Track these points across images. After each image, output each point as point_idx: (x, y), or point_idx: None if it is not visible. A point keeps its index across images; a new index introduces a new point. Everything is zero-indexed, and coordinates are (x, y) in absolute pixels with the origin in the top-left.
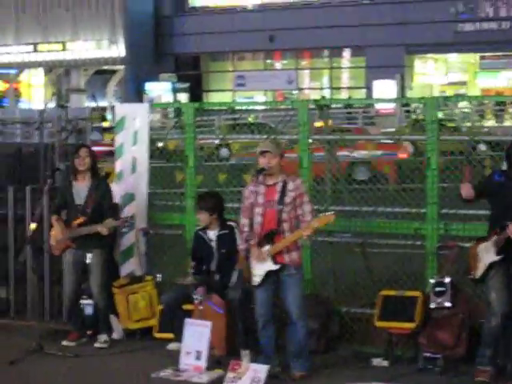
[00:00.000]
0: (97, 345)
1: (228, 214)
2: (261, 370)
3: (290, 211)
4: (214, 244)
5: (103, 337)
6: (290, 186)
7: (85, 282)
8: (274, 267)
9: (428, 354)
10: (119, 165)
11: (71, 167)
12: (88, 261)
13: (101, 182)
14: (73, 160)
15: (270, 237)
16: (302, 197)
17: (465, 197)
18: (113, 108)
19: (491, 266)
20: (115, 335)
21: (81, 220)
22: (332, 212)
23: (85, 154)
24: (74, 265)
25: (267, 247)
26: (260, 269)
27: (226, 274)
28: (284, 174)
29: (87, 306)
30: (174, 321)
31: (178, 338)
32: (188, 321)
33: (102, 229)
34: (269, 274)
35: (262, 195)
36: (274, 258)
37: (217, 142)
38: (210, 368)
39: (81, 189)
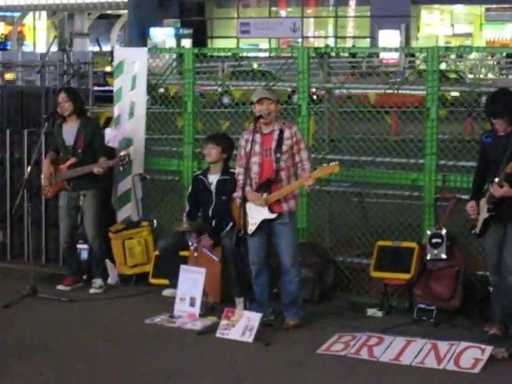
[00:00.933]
0: (91, 290)
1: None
2: (254, 317)
3: (287, 159)
4: (213, 188)
5: (98, 282)
6: (287, 133)
7: (81, 225)
8: (270, 216)
9: (423, 306)
10: (117, 109)
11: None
12: (81, 203)
13: (89, 122)
14: (56, 105)
15: (267, 185)
16: (298, 144)
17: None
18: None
19: (486, 222)
20: (110, 280)
21: (72, 161)
22: (336, 162)
23: (63, 99)
24: (69, 208)
25: (264, 195)
26: (255, 217)
27: (222, 221)
28: (280, 121)
29: (83, 250)
30: (169, 267)
31: (173, 284)
32: (183, 267)
33: (98, 169)
34: (263, 222)
35: (259, 144)
36: (271, 206)
37: (219, 89)
38: (203, 315)
39: (70, 131)
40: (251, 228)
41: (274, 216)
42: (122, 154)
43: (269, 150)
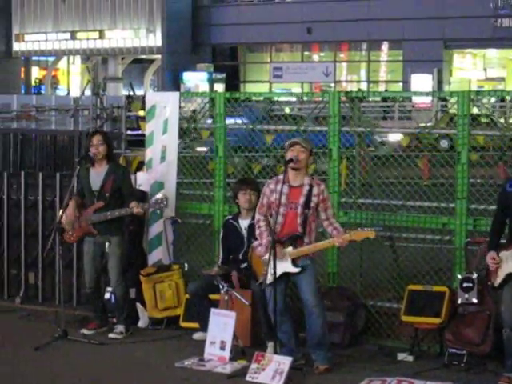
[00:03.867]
0: (111, 335)
1: None
2: (284, 361)
3: (311, 215)
4: (245, 233)
5: (119, 328)
6: (315, 190)
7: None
8: (294, 270)
9: (453, 350)
10: (149, 153)
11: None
12: (106, 249)
13: (118, 167)
14: (88, 148)
15: (293, 239)
16: (325, 202)
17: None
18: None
19: (509, 276)
20: (141, 323)
21: (99, 205)
22: (372, 229)
23: (98, 141)
24: (94, 253)
25: (289, 249)
26: (277, 267)
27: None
28: (309, 176)
29: (110, 293)
30: (199, 310)
31: (204, 327)
32: (213, 311)
33: (138, 210)
34: (283, 273)
35: (286, 195)
36: (294, 260)
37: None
38: (233, 358)
39: (97, 175)
40: (270, 278)
41: (297, 270)
42: (159, 197)
43: (294, 204)
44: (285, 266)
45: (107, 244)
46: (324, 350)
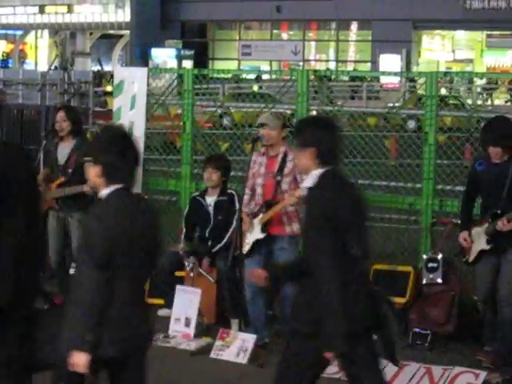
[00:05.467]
0: None
1: (230, 183)
2: (249, 339)
3: (290, 182)
4: (211, 210)
5: None
6: (290, 156)
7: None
8: (261, 236)
9: (417, 330)
10: None
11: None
12: (69, 225)
13: (83, 143)
14: (54, 123)
15: (266, 207)
16: None
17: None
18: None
19: (482, 252)
20: None
21: (61, 180)
22: None
23: (61, 118)
24: (57, 228)
25: (260, 216)
26: (249, 238)
27: (218, 242)
28: (286, 144)
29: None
30: (164, 287)
31: (169, 304)
32: (179, 287)
33: (88, 188)
34: (259, 244)
35: (264, 166)
36: (264, 227)
37: (219, 110)
38: (198, 335)
39: (64, 150)
40: (245, 248)
41: (263, 236)
42: None
43: (272, 173)
44: (255, 234)
45: (69, 219)
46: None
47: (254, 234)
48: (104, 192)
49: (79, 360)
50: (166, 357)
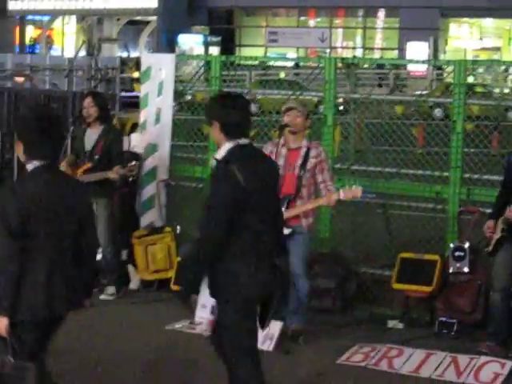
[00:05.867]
0: (102, 296)
1: None
2: (274, 326)
3: (309, 177)
4: None
5: (110, 289)
6: (313, 152)
7: None
8: (286, 231)
9: (444, 319)
10: (143, 115)
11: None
12: (94, 211)
13: (111, 129)
14: (82, 109)
15: (286, 201)
16: (322, 164)
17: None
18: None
19: (500, 242)
20: (132, 285)
21: (87, 166)
22: (359, 187)
23: (89, 103)
24: None
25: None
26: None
27: None
28: (307, 139)
29: (101, 255)
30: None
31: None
32: None
33: (113, 175)
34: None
35: (284, 157)
36: (287, 222)
37: (246, 97)
38: None
39: (91, 136)
40: None
41: (288, 232)
42: (132, 163)
43: (292, 166)
44: None
45: (94, 205)
46: (300, 313)
47: None
48: (27, 167)
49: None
50: (191, 343)
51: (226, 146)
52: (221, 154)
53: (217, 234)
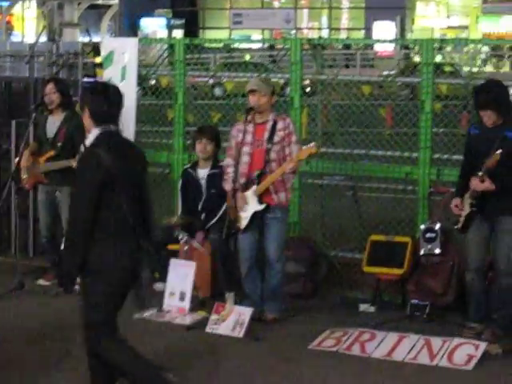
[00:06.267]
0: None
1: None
2: (245, 312)
3: (278, 151)
4: (203, 183)
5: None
6: (280, 124)
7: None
8: (260, 207)
9: (416, 301)
10: None
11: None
12: (58, 199)
13: (74, 116)
14: (43, 95)
15: (257, 177)
16: (290, 136)
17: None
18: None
19: (470, 217)
20: None
21: (50, 154)
22: (313, 143)
23: (50, 90)
24: (46, 202)
25: (253, 187)
26: (246, 210)
27: (211, 215)
28: (274, 112)
29: None
30: (159, 261)
31: (163, 278)
32: (173, 261)
33: (76, 163)
34: (255, 216)
35: (251, 134)
36: (260, 198)
37: (211, 81)
38: (193, 310)
39: (53, 123)
40: (243, 223)
41: (262, 207)
42: None
43: (260, 141)
44: (252, 207)
45: (58, 193)
46: (276, 301)
47: (251, 207)
48: (93, 132)
49: None
50: (161, 331)
51: (94, 132)
52: (90, 139)
53: (83, 215)
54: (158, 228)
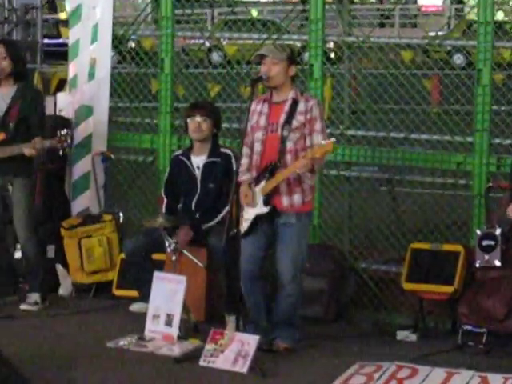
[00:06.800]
0: (23, 306)
1: (222, 139)
2: (249, 341)
3: (297, 140)
4: (198, 174)
5: (33, 296)
6: (301, 106)
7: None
8: (264, 210)
9: (469, 328)
10: (73, 68)
11: None
12: (10, 195)
13: (29, 89)
14: None
15: (269, 172)
16: (312, 123)
17: None
18: None
19: None
20: (62, 291)
21: (1, 137)
22: (332, 139)
23: (0, 54)
24: None
25: (262, 184)
26: (249, 212)
27: (208, 215)
28: (297, 89)
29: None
30: (139, 274)
31: (144, 296)
32: (157, 275)
33: (30, 150)
34: (260, 219)
35: (265, 116)
36: (268, 198)
37: (207, 43)
38: (184, 337)
39: (4, 97)
40: (244, 225)
41: (266, 210)
42: (63, 132)
43: (275, 125)
44: (256, 208)
45: (10, 187)
46: (290, 327)
47: (255, 208)
48: None
49: None
50: (141, 365)
51: None
52: None
53: None
54: (139, 232)
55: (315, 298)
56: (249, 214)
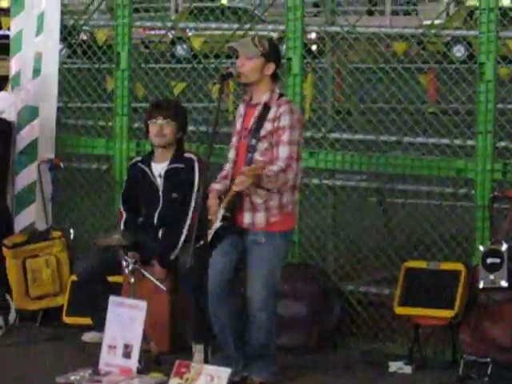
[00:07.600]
0: None
1: (188, 144)
2: (220, 374)
3: (264, 151)
4: (160, 183)
5: None
6: (272, 112)
7: None
8: (218, 224)
9: (472, 357)
10: (16, 64)
11: None
12: None
13: None
14: None
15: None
16: (280, 132)
17: None
18: None
19: None
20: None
21: None
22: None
23: None
24: None
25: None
26: (214, 226)
27: (173, 231)
28: (275, 90)
29: None
30: (92, 299)
31: (98, 324)
32: (113, 300)
33: None
34: (226, 233)
35: (241, 119)
36: (229, 212)
37: (170, 35)
38: (144, 371)
39: None
40: (208, 238)
41: (220, 224)
42: None
43: (246, 131)
44: (217, 223)
45: None
46: (265, 361)
47: (216, 222)
48: None
49: None
50: None
51: None
52: None
53: None
54: (92, 251)
55: (295, 324)
56: (212, 228)
